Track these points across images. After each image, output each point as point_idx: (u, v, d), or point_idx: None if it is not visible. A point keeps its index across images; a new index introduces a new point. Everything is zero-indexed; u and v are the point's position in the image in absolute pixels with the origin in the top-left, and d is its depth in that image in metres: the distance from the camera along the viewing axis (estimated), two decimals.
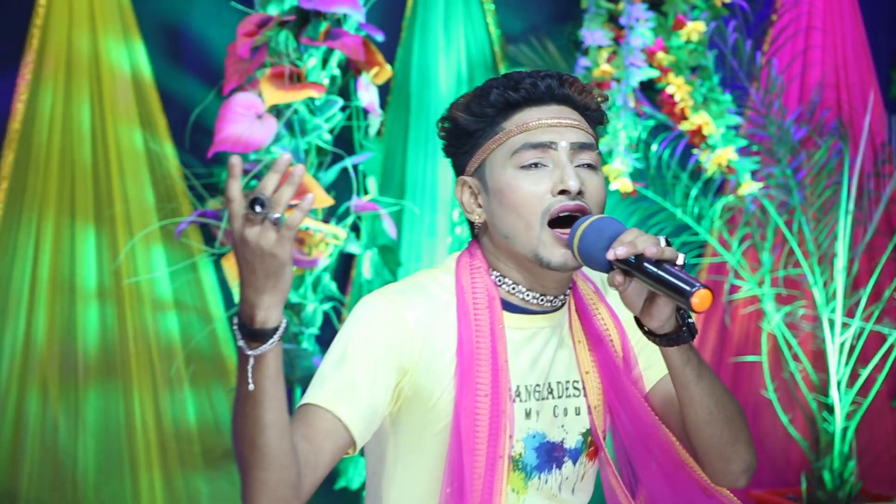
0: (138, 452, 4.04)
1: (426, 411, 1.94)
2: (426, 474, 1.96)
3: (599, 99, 2.02)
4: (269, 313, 1.66)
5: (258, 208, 1.59)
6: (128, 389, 4.04)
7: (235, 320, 1.68)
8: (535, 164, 1.92)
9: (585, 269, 2.09)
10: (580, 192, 1.90)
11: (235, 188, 1.62)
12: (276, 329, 1.67)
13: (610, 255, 1.80)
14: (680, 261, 1.78)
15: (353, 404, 1.84)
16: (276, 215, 1.60)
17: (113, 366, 4.04)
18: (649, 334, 1.87)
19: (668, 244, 1.79)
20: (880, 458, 5.10)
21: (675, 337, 1.85)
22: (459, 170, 2.03)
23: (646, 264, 1.77)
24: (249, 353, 1.67)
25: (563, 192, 1.90)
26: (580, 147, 1.94)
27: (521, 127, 1.94)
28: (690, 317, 1.85)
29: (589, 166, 1.95)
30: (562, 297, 2.01)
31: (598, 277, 2.13)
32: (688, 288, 1.72)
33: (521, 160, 1.92)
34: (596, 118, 2.02)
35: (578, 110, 1.99)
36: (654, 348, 2.00)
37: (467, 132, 1.98)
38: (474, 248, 2.03)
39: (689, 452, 2.00)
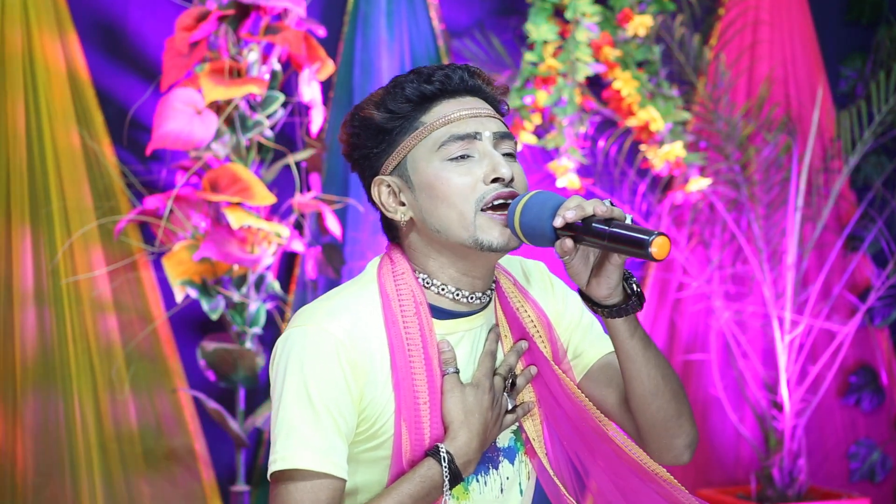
0: (79, 454, 3.98)
1: (370, 426, 1.91)
2: (370, 487, 1.94)
3: (500, 92, 2.02)
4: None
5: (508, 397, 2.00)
6: (67, 391, 3.98)
7: (448, 457, 1.89)
8: (463, 157, 1.90)
9: (504, 263, 2.08)
10: (511, 180, 1.90)
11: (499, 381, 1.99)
12: None
13: (558, 223, 1.78)
14: (628, 221, 1.77)
15: (341, 456, 1.86)
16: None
17: (52, 367, 3.98)
18: (596, 307, 1.87)
19: (613, 206, 1.79)
20: (829, 455, 5.11)
21: (624, 306, 1.85)
22: (371, 171, 1.98)
23: (595, 225, 1.75)
24: (447, 496, 1.90)
25: (495, 180, 1.89)
26: (501, 137, 1.94)
27: (443, 120, 1.92)
28: (638, 285, 1.86)
29: (510, 155, 1.95)
30: (488, 292, 1.99)
31: (520, 271, 2.12)
32: (645, 237, 1.70)
33: (447, 153, 1.90)
34: (501, 110, 2.03)
35: (488, 101, 1.99)
36: (581, 336, 2.04)
37: (383, 130, 1.94)
38: (394, 252, 1.99)
39: (631, 432, 2.01)
